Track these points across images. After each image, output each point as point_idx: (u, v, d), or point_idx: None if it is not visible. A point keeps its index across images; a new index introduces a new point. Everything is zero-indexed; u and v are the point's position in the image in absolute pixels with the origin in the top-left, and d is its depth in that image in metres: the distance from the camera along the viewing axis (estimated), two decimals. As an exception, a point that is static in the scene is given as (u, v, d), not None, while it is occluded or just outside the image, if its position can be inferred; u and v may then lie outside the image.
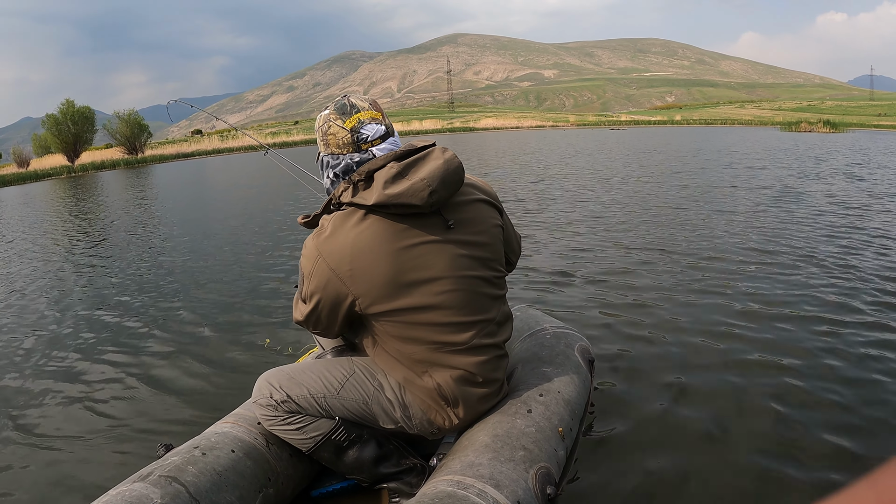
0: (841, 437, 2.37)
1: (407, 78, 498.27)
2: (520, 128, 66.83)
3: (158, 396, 3.19)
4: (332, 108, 1.86)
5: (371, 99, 1.89)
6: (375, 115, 1.85)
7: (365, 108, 1.84)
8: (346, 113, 1.82)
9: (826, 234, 6.03)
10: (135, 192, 17.44)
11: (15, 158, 42.55)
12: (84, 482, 2.42)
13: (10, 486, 2.44)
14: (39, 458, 2.66)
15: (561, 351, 2.19)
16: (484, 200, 1.91)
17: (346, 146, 1.82)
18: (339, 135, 1.82)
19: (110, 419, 2.97)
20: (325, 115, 1.86)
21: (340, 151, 1.83)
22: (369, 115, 1.83)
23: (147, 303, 5.01)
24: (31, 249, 8.35)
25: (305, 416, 1.88)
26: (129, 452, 2.62)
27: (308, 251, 1.78)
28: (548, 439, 1.78)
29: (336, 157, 1.85)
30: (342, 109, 1.83)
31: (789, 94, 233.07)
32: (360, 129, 1.81)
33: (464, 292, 1.80)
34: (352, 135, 1.81)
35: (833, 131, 35.28)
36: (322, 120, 1.86)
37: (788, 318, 3.65)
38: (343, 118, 1.82)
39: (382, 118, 1.87)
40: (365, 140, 1.81)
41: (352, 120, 1.81)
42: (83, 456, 2.64)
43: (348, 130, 1.81)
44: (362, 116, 1.82)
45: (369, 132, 1.82)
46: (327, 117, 1.85)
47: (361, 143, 1.81)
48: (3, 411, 3.17)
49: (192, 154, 46.54)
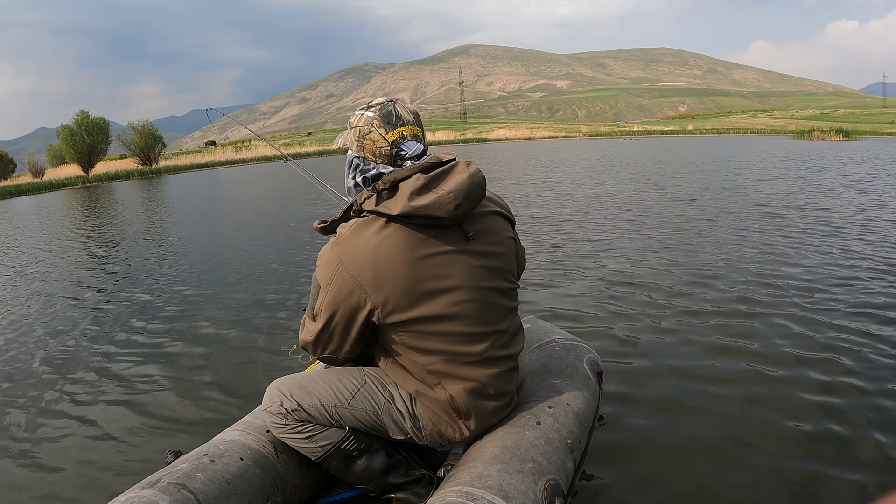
0: (860, 471, 2.33)
1: (419, 89, 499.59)
2: (532, 138, 66.88)
3: (168, 403, 3.19)
4: (378, 112, 1.80)
5: (415, 110, 1.85)
6: (417, 131, 1.82)
7: (409, 122, 1.80)
8: (391, 123, 1.78)
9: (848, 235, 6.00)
10: (150, 203, 17.55)
11: (30, 168, 43.02)
12: (92, 488, 2.43)
13: (16, 494, 2.45)
14: (47, 463, 2.66)
15: (570, 363, 2.19)
16: (499, 213, 1.91)
17: (382, 157, 1.79)
18: (378, 143, 1.78)
19: (118, 425, 2.98)
20: (367, 116, 1.80)
21: (374, 160, 1.80)
22: (412, 131, 1.80)
23: (161, 309, 5.04)
24: (47, 255, 8.42)
25: (315, 426, 1.87)
26: (138, 459, 2.62)
27: (326, 260, 1.75)
28: (556, 451, 1.77)
29: (368, 163, 1.81)
30: (387, 118, 1.78)
31: (802, 102, 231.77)
32: (402, 144, 1.78)
33: (480, 303, 1.79)
34: (392, 148, 1.78)
35: (846, 139, 35.06)
36: (363, 121, 1.81)
37: (802, 332, 3.63)
38: (387, 128, 1.78)
39: (422, 135, 1.85)
40: (403, 157, 1.79)
41: (395, 133, 1.78)
42: (92, 462, 2.64)
43: (389, 143, 1.78)
44: (405, 131, 1.79)
45: (409, 149, 1.79)
46: (370, 120, 1.79)
47: (398, 158, 1.79)
48: (11, 418, 3.18)
49: (205, 165, 46.78)
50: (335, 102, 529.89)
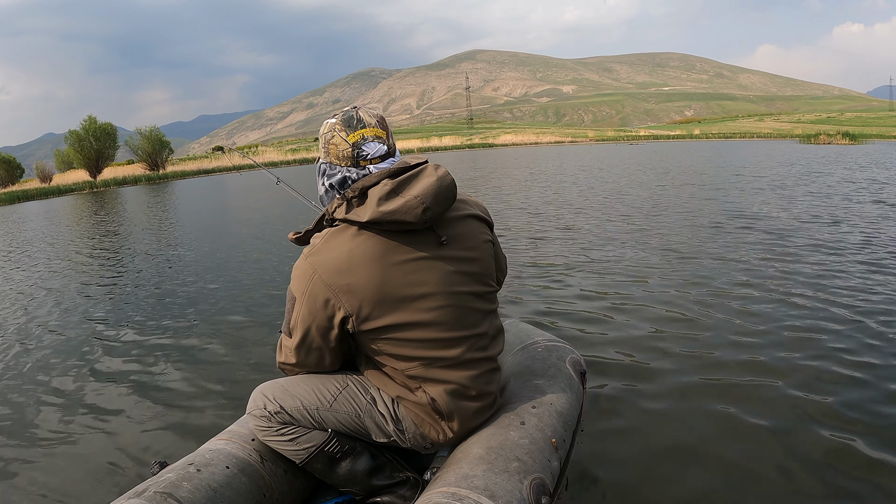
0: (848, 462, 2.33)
1: (426, 94, 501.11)
2: (539, 143, 66.96)
3: (153, 413, 3.18)
4: (339, 118, 1.84)
5: (379, 115, 1.87)
6: (380, 133, 1.83)
7: (371, 125, 1.82)
8: (352, 126, 1.80)
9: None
10: (156, 208, 17.63)
11: (38, 173, 43.43)
12: (79, 499, 2.43)
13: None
14: (32, 474, 2.65)
15: (553, 364, 2.18)
16: (475, 216, 1.91)
17: (345, 159, 1.81)
18: (340, 146, 1.80)
19: (105, 435, 2.99)
20: (331, 123, 1.85)
21: (339, 163, 1.82)
22: (373, 133, 1.82)
23: (155, 317, 5.07)
24: (52, 259, 8.48)
25: (298, 428, 1.88)
26: (124, 469, 2.63)
27: (301, 271, 1.76)
28: (541, 450, 1.77)
29: (333, 168, 1.84)
30: (348, 122, 1.81)
31: (808, 106, 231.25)
32: (363, 145, 1.80)
33: (455, 308, 1.79)
34: (353, 149, 1.80)
35: (852, 143, 34.97)
36: (327, 127, 1.85)
37: (799, 327, 3.62)
38: (347, 131, 1.80)
39: (387, 137, 1.85)
40: (365, 157, 1.80)
41: (355, 135, 1.80)
42: (78, 473, 2.64)
43: (350, 144, 1.79)
44: (366, 133, 1.80)
45: (370, 150, 1.80)
46: (332, 126, 1.83)
47: (361, 159, 1.80)
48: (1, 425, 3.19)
49: (212, 170, 47.03)
50: (342, 108, 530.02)
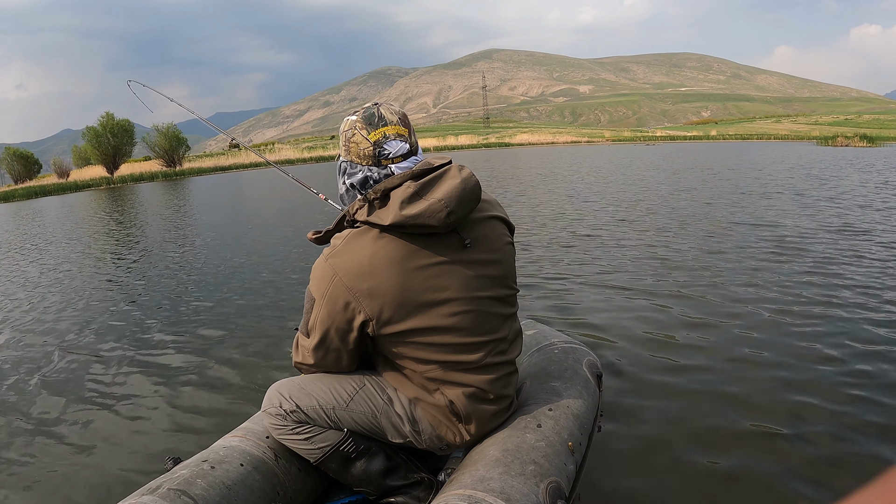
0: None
1: (442, 93, 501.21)
2: (555, 143, 66.75)
3: (167, 409, 3.18)
4: (360, 115, 1.79)
5: (401, 112, 1.83)
6: (402, 131, 1.79)
7: (393, 123, 1.77)
8: (373, 124, 1.76)
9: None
10: (173, 205, 17.73)
11: (55, 169, 43.84)
12: (92, 495, 2.43)
13: (15, 500, 2.44)
14: (45, 470, 2.65)
15: (569, 366, 2.18)
16: (497, 217, 1.89)
17: (366, 158, 1.76)
18: (361, 145, 1.76)
19: (117, 430, 2.99)
20: (351, 120, 1.80)
21: (360, 162, 1.78)
22: (395, 131, 1.77)
23: (170, 313, 5.08)
24: (65, 256, 8.54)
25: (314, 427, 1.87)
26: (137, 465, 2.62)
27: (320, 272, 1.73)
28: (558, 454, 1.76)
29: (354, 167, 1.79)
30: (369, 119, 1.77)
31: (826, 108, 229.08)
32: (384, 143, 1.75)
33: (476, 313, 1.77)
34: (374, 148, 1.75)
35: (870, 145, 34.59)
36: (348, 125, 1.80)
37: (806, 334, 3.58)
38: (369, 129, 1.75)
39: (409, 135, 1.81)
40: (386, 156, 1.76)
41: (377, 133, 1.75)
42: (91, 469, 2.64)
43: (371, 143, 1.75)
44: (388, 131, 1.76)
45: (392, 149, 1.76)
46: (353, 123, 1.79)
47: (382, 158, 1.76)
48: (12, 421, 3.19)
49: (229, 167, 47.20)
50: (360, 105, 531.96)
